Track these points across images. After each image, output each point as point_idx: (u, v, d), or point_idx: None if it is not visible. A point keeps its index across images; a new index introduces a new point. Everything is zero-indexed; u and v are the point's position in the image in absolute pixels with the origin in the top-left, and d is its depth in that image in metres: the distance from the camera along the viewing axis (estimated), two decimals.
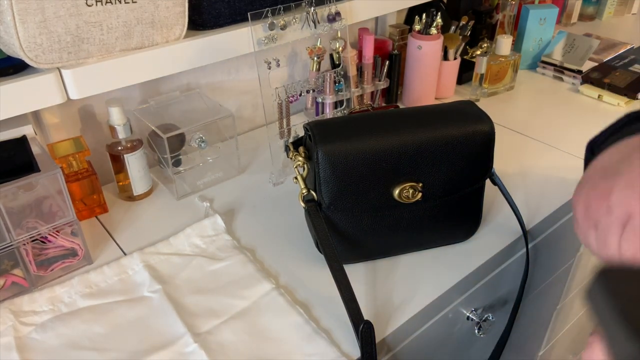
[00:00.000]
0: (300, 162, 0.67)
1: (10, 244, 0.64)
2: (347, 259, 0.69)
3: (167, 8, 0.74)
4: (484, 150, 0.67)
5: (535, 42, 1.25)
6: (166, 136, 0.78)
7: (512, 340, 0.80)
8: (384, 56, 1.02)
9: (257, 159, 0.95)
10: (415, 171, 0.65)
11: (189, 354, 0.58)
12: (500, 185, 0.74)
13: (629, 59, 1.22)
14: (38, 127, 0.80)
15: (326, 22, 0.89)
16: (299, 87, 0.87)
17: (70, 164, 0.76)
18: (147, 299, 0.65)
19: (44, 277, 0.68)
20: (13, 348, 0.59)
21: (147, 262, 0.70)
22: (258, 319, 0.62)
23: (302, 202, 0.67)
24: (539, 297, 0.99)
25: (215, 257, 0.72)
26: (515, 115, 1.08)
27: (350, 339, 0.60)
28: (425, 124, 0.65)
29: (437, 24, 0.99)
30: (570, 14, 1.52)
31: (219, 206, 0.82)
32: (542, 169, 0.90)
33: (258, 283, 0.67)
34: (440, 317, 0.70)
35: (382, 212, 0.67)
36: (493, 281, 0.77)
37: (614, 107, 1.10)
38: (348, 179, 0.64)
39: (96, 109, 0.85)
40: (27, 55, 0.65)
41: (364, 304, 0.64)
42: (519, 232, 0.76)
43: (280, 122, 0.85)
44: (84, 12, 0.67)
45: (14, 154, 0.67)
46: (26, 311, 0.63)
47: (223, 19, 0.82)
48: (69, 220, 0.68)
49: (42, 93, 0.69)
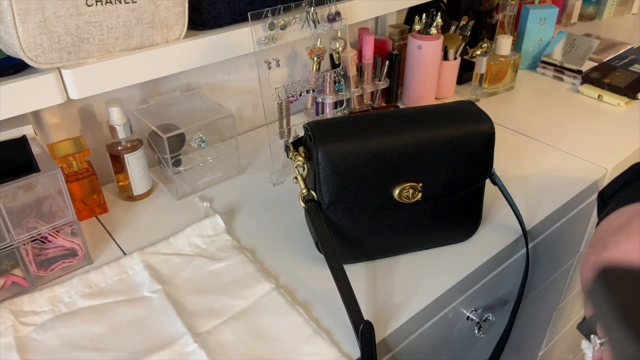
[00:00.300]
0: (300, 162, 0.67)
1: (10, 244, 0.64)
2: (347, 259, 0.69)
3: (167, 8, 0.74)
4: (484, 150, 0.67)
5: (535, 42, 1.25)
6: (166, 136, 0.78)
7: (512, 340, 0.80)
8: (384, 56, 1.02)
9: (257, 159, 0.95)
10: (415, 171, 0.65)
11: (189, 354, 0.58)
12: (500, 185, 0.74)
13: (629, 59, 1.22)
14: (38, 127, 0.80)
15: (326, 22, 0.89)
16: (299, 87, 0.87)
17: (70, 164, 0.76)
18: (147, 299, 0.65)
19: (44, 277, 0.68)
20: (13, 348, 0.59)
21: (147, 262, 0.70)
22: (258, 319, 0.62)
23: (302, 202, 0.67)
24: (539, 297, 0.99)
25: (215, 257, 0.72)
26: (515, 115, 1.08)
27: (350, 339, 0.60)
28: (425, 124, 0.65)
29: (437, 24, 0.99)
30: (570, 14, 1.52)
31: (219, 206, 0.82)
32: (542, 169, 0.90)
33: (258, 283, 0.67)
34: (440, 317, 0.70)
35: (382, 212, 0.67)
36: (493, 281, 0.77)
37: (614, 107, 1.10)
38: (348, 179, 0.64)
39: (96, 109, 0.85)
40: (27, 55, 0.65)
41: (364, 304, 0.64)
42: (519, 232, 0.76)
43: (280, 122, 0.85)
44: (84, 12, 0.67)
45: (14, 154, 0.67)
46: (26, 311, 0.63)
47: (223, 19, 0.82)
48: (69, 220, 0.68)
49: (42, 93, 0.69)
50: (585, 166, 0.90)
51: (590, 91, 1.14)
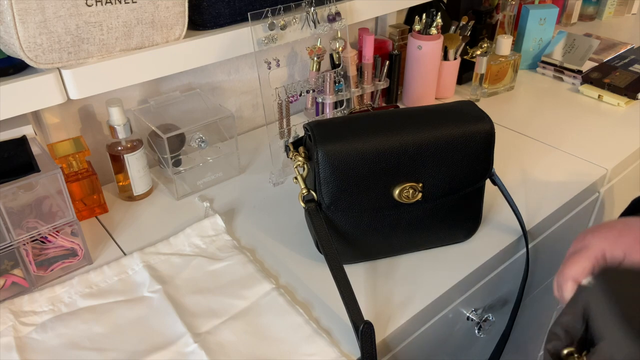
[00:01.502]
0: (300, 162, 0.67)
1: (10, 244, 0.64)
2: (347, 259, 0.69)
3: (167, 8, 0.74)
4: (484, 151, 0.67)
5: (535, 42, 1.25)
6: (166, 136, 0.78)
7: (512, 340, 0.80)
8: (384, 56, 1.02)
9: (257, 159, 0.95)
10: (415, 171, 0.65)
11: (189, 354, 0.58)
12: (500, 185, 0.74)
13: (629, 59, 1.22)
14: (38, 127, 0.80)
15: (326, 22, 0.89)
16: (299, 87, 0.87)
17: (70, 164, 0.76)
18: (147, 299, 0.65)
19: (44, 277, 0.68)
20: (13, 348, 0.59)
21: (147, 262, 0.70)
22: (258, 319, 0.62)
23: (302, 202, 0.67)
24: (539, 297, 0.99)
25: (215, 257, 0.72)
26: (515, 115, 1.08)
27: (350, 339, 0.60)
28: (425, 124, 0.65)
29: (437, 24, 0.99)
30: (570, 14, 1.52)
31: (219, 206, 0.82)
32: (542, 169, 0.90)
33: (258, 283, 0.67)
34: (440, 317, 0.70)
35: (382, 212, 0.67)
36: (493, 281, 0.77)
37: (614, 107, 1.10)
38: (348, 179, 0.64)
39: (96, 109, 0.85)
40: (27, 55, 0.65)
41: (364, 304, 0.64)
42: (519, 232, 0.76)
43: (280, 122, 0.85)
44: (84, 12, 0.67)
45: (14, 154, 0.67)
46: (26, 311, 0.63)
47: (223, 19, 0.82)
48: (69, 220, 0.68)
49: (42, 93, 0.69)
50: (585, 166, 0.90)
51: (590, 91, 1.14)
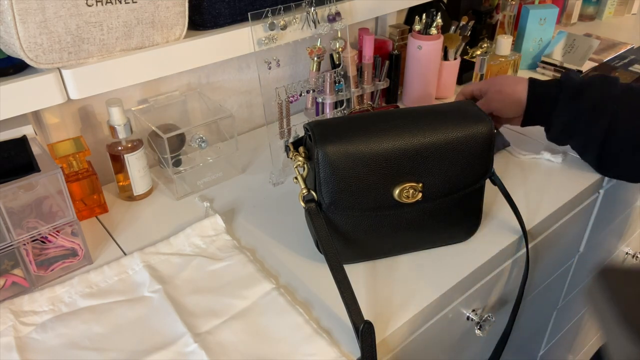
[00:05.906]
0: (300, 162, 0.67)
1: (10, 244, 0.64)
2: (347, 259, 0.69)
3: (167, 8, 0.74)
4: (484, 151, 0.67)
5: (535, 42, 1.25)
6: (166, 136, 0.78)
7: (512, 340, 0.80)
8: (384, 56, 1.02)
9: (257, 159, 0.95)
10: (416, 171, 0.65)
11: (189, 354, 0.58)
12: (500, 185, 0.74)
13: (629, 59, 1.22)
14: (38, 127, 0.80)
15: (326, 22, 0.89)
16: (299, 87, 0.87)
17: (70, 164, 0.76)
18: (147, 299, 0.65)
19: (44, 277, 0.68)
20: (13, 348, 0.59)
21: (147, 262, 0.70)
22: (258, 319, 0.62)
23: (302, 202, 0.67)
24: (539, 297, 0.99)
25: (215, 257, 0.72)
26: None
27: (350, 339, 0.60)
28: (425, 124, 0.65)
29: (437, 24, 0.99)
30: (570, 14, 1.52)
31: (219, 206, 0.82)
32: (542, 168, 0.90)
33: (258, 283, 0.67)
34: (440, 317, 0.70)
35: (382, 212, 0.67)
36: (493, 281, 0.77)
37: None
38: (348, 179, 0.64)
39: (96, 109, 0.85)
40: (27, 55, 0.65)
41: (364, 304, 0.64)
42: (519, 232, 0.76)
43: (280, 122, 0.85)
44: (84, 12, 0.67)
45: (14, 154, 0.67)
46: (26, 311, 0.63)
47: (223, 19, 0.82)
48: (69, 220, 0.68)
49: (42, 93, 0.69)
50: (585, 166, 0.90)
51: None
